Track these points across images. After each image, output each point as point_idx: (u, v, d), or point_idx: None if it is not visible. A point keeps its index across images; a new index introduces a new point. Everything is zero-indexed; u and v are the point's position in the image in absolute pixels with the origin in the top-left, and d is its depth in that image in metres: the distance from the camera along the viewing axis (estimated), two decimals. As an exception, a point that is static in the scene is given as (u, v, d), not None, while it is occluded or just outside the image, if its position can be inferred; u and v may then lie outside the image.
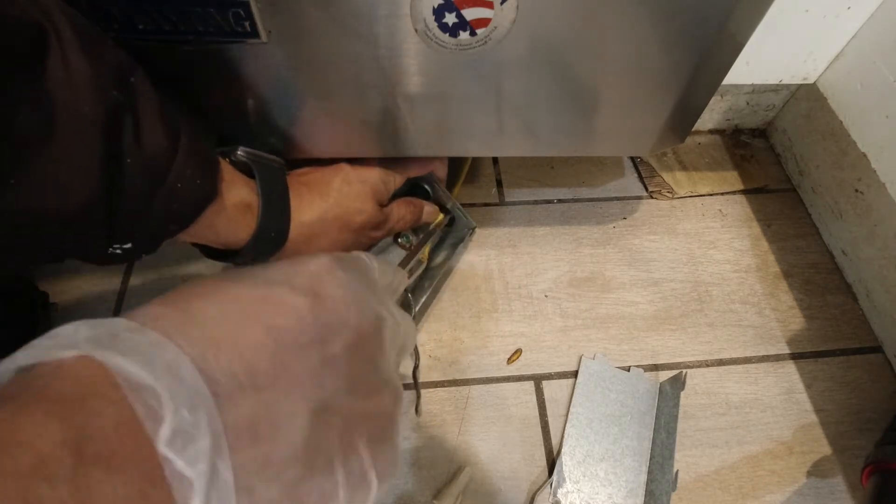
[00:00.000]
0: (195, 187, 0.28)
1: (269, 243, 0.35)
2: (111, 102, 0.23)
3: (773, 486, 0.43)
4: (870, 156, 0.51)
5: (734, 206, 0.60)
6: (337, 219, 0.38)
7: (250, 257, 0.34)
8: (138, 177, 0.25)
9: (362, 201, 0.39)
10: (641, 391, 0.47)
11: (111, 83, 0.24)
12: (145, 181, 0.25)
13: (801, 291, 0.54)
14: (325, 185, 0.38)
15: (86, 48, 0.23)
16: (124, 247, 0.27)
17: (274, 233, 0.34)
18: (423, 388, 0.47)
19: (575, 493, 0.42)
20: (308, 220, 0.36)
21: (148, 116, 0.25)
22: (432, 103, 0.38)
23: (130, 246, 0.27)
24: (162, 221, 0.27)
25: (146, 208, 0.26)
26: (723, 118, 0.66)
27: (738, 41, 0.36)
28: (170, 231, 0.29)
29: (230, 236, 0.32)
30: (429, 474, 0.43)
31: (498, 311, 0.52)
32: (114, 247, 0.26)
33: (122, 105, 0.24)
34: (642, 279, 0.54)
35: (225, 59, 0.33)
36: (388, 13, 0.30)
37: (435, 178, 0.49)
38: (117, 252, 0.27)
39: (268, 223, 0.34)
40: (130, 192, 0.25)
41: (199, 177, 0.28)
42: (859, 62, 0.51)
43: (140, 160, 0.25)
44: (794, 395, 0.48)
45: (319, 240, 0.37)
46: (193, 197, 0.28)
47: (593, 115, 0.40)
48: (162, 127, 0.26)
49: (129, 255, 0.28)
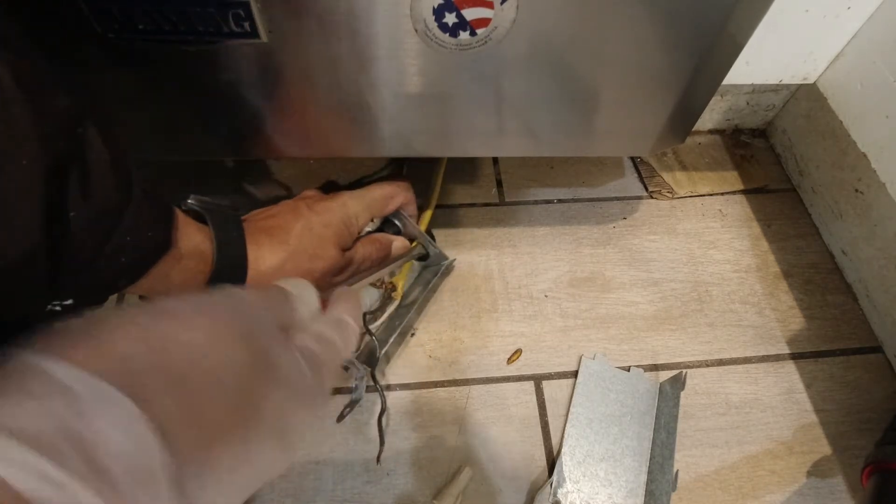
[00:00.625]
0: (146, 239, 0.27)
1: None
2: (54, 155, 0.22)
3: (773, 486, 0.43)
4: (870, 156, 0.51)
5: (734, 206, 0.60)
6: (297, 268, 0.36)
7: None
8: (84, 231, 0.23)
9: (324, 248, 0.38)
10: (641, 391, 0.47)
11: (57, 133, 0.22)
12: (92, 235, 0.24)
13: (801, 291, 0.54)
14: (284, 232, 0.36)
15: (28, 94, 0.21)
16: (65, 303, 0.25)
17: (229, 283, 0.32)
18: (423, 388, 0.47)
19: (575, 493, 0.42)
20: (266, 268, 0.34)
21: (97, 167, 0.23)
22: (432, 103, 0.38)
23: (72, 302, 0.25)
24: (110, 275, 0.26)
25: (92, 263, 0.24)
26: (723, 118, 0.66)
27: (738, 41, 0.36)
28: (118, 286, 0.27)
29: (182, 288, 0.30)
30: (429, 474, 0.43)
31: (498, 311, 0.52)
32: (53, 304, 0.25)
33: (66, 157, 0.22)
34: (642, 279, 0.54)
35: (225, 59, 0.33)
36: (388, 13, 0.30)
37: (402, 212, 0.46)
38: (56, 309, 0.25)
39: (222, 272, 0.31)
40: (75, 247, 0.23)
41: (152, 228, 0.27)
42: (859, 62, 0.51)
43: (86, 214, 0.23)
44: (794, 395, 0.48)
45: None
46: (145, 249, 0.27)
47: (593, 115, 0.40)
48: (112, 178, 0.24)
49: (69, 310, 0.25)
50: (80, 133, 0.23)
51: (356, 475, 0.42)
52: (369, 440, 0.44)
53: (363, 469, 0.43)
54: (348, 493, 0.42)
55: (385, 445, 0.43)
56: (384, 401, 0.43)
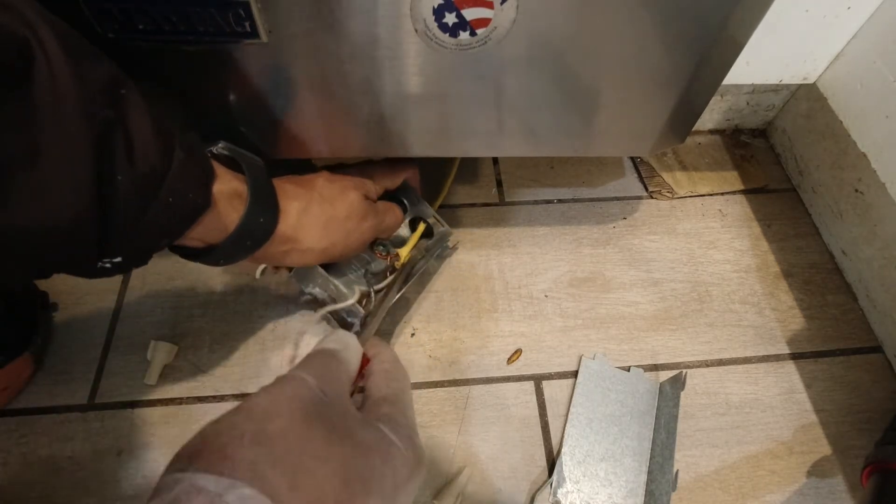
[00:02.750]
0: (188, 200, 0.27)
1: (256, 233, 0.33)
2: (101, 121, 0.23)
3: (773, 486, 0.43)
4: (870, 156, 0.51)
5: (734, 206, 0.60)
6: (322, 210, 0.37)
7: (233, 251, 0.32)
8: (130, 194, 0.24)
9: (345, 193, 0.39)
10: (641, 391, 0.47)
11: (100, 100, 0.23)
12: (137, 198, 0.25)
13: (801, 291, 0.54)
14: (307, 182, 0.38)
15: (73, 64, 0.22)
16: (114, 261, 0.26)
17: (262, 218, 0.33)
18: (423, 388, 0.47)
19: (575, 493, 0.42)
20: (294, 208, 0.35)
21: (140, 132, 0.24)
22: (432, 103, 0.38)
23: (120, 260, 0.27)
24: (154, 235, 0.27)
25: (137, 224, 0.25)
26: (723, 118, 0.66)
27: (738, 41, 0.36)
28: (160, 245, 0.28)
29: (217, 230, 0.31)
30: (429, 474, 0.43)
31: (498, 311, 0.52)
32: (103, 261, 0.26)
33: (112, 122, 0.23)
34: (642, 279, 0.54)
35: (225, 59, 0.33)
36: (388, 13, 0.30)
37: (411, 188, 0.49)
38: (107, 266, 0.26)
39: (256, 207, 0.32)
40: (121, 210, 0.24)
41: (193, 190, 0.28)
42: (859, 62, 0.51)
43: (131, 177, 0.24)
44: (794, 395, 0.48)
45: (307, 230, 0.36)
46: (186, 210, 0.28)
47: (593, 115, 0.40)
48: (154, 142, 0.25)
49: (119, 268, 0.27)
50: (123, 96, 0.24)
51: (356, 475, 0.42)
52: (369, 440, 0.44)
53: (363, 469, 0.43)
54: (348, 493, 0.42)
55: None
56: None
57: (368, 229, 0.41)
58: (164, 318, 0.50)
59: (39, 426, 0.44)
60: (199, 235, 0.30)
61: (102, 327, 0.49)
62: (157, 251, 0.28)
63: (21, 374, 0.44)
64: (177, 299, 0.51)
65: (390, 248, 0.49)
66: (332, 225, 0.38)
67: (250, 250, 0.34)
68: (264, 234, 0.34)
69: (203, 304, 0.51)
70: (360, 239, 0.41)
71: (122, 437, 0.43)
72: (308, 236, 0.36)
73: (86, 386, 0.45)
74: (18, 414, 0.44)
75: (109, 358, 0.47)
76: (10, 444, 0.43)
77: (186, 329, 0.49)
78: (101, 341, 0.48)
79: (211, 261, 0.33)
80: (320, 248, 0.37)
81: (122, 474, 0.42)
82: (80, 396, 0.45)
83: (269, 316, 0.50)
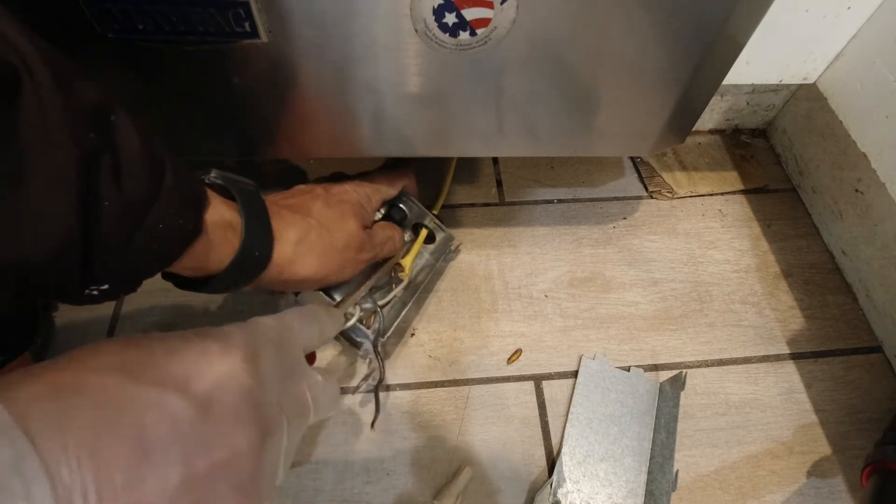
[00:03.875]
0: (178, 227, 0.27)
1: (251, 266, 0.32)
2: (88, 145, 0.22)
3: (773, 486, 0.43)
4: (870, 156, 0.51)
5: (734, 206, 0.60)
6: (320, 238, 0.36)
7: (228, 283, 0.32)
8: (116, 220, 0.23)
9: (344, 221, 0.38)
10: (641, 391, 0.47)
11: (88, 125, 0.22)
12: (125, 224, 0.24)
13: (801, 291, 0.54)
14: (305, 208, 0.37)
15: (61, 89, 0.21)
16: (101, 288, 0.25)
17: (258, 251, 0.32)
18: (423, 388, 0.47)
19: (575, 493, 0.42)
20: (291, 238, 0.34)
21: (128, 157, 0.24)
22: (432, 103, 0.38)
23: (108, 287, 0.26)
24: (143, 262, 0.26)
25: (124, 251, 0.24)
26: (723, 118, 0.66)
27: (738, 41, 0.36)
28: (150, 271, 0.27)
29: (211, 261, 0.30)
30: (429, 474, 0.43)
31: (498, 311, 0.52)
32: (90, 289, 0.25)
33: (99, 147, 0.23)
34: (642, 279, 0.54)
35: (225, 59, 0.33)
36: (388, 13, 0.30)
37: (408, 195, 0.48)
38: (94, 294, 0.25)
39: (251, 241, 0.31)
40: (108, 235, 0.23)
41: (183, 216, 0.27)
42: (859, 62, 0.51)
43: (119, 202, 0.23)
44: (794, 395, 0.48)
45: (304, 261, 0.35)
46: (176, 236, 0.27)
47: (593, 115, 0.40)
48: (144, 167, 0.24)
49: (107, 295, 0.26)
50: (112, 122, 0.24)
51: (356, 475, 0.42)
52: (369, 440, 0.44)
53: (363, 469, 0.43)
54: (348, 493, 0.42)
55: (385, 445, 0.43)
56: (383, 372, 0.45)
57: (365, 261, 0.41)
58: (164, 318, 0.50)
59: (39, 426, 0.44)
60: (191, 264, 0.29)
61: (102, 327, 0.49)
62: (149, 276, 0.27)
63: (21, 374, 0.44)
64: (177, 299, 0.51)
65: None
66: (329, 255, 0.37)
67: (246, 280, 0.33)
68: (260, 265, 0.33)
69: (203, 304, 0.51)
70: (356, 269, 0.40)
71: (122, 437, 0.43)
72: (304, 267, 0.35)
73: (86, 386, 0.46)
74: (18, 414, 0.44)
75: (109, 358, 0.47)
76: (10, 444, 0.43)
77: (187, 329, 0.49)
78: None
79: (207, 291, 0.32)
80: (317, 279, 0.37)
81: (122, 474, 0.42)
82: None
83: (269, 316, 0.50)
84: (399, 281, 0.48)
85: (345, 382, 0.47)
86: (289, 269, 0.35)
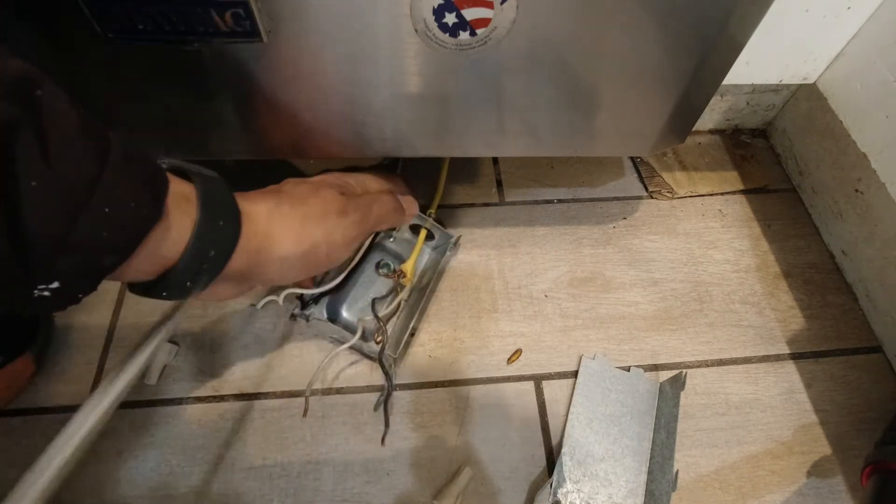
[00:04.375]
0: (130, 211, 0.24)
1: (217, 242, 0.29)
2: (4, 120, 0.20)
3: (773, 486, 0.43)
4: (870, 156, 0.51)
5: (734, 206, 0.60)
6: (294, 209, 0.34)
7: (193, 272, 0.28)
8: (51, 202, 0.21)
9: (319, 189, 0.36)
10: (641, 391, 0.47)
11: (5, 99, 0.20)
12: (61, 206, 0.21)
13: (801, 291, 0.54)
14: (273, 187, 0.36)
15: None
16: (51, 287, 0.23)
17: (222, 221, 0.29)
18: (423, 388, 0.47)
19: (575, 493, 0.42)
20: (261, 210, 0.32)
21: (60, 133, 0.21)
22: (432, 103, 0.38)
23: (58, 286, 0.23)
24: (93, 253, 0.23)
25: (66, 239, 0.22)
26: (723, 118, 0.66)
27: (738, 41, 0.36)
28: (105, 264, 0.24)
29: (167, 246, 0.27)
30: (429, 474, 0.43)
31: (498, 311, 0.52)
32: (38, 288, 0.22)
33: (18, 120, 0.20)
34: (642, 279, 0.54)
35: (224, 59, 0.33)
36: (388, 13, 0.30)
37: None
38: (45, 295, 0.23)
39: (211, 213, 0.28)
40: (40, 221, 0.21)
41: (135, 198, 0.24)
42: (859, 62, 0.51)
43: (49, 184, 0.21)
44: (794, 395, 0.48)
45: (280, 234, 0.32)
46: (130, 221, 0.24)
47: (593, 115, 0.40)
48: (80, 144, 0.22)
49: (60, 296, 0.23)
50: (38, 95, 0.21)
51: (356, 475, 0.42)
52: (369, 440, 0.44)
53: (363, 469, 0.43)
54: (348, 493, 0.42)
55: (385, 445, 0.43)
56: (391, 384, 0.45)
57: (352, 225, 0.37)
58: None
59: (39, 426, 0.44)
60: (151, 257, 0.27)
61: (102, 327, 0.49)
62: (107, 272, 0.25)
63: (21, 374, 0.44)
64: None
65: (394, 266, 0.49)
66: (308, 224, 0.34)
67: (217, 265, 0.29)
68: (230, 242, 0.29)
69: (203, 303, 0.51)
70: (345, 237, 0.37)
71: (122, 437, 0.43)
72: (283, 240, 0.32)
73: (86, 386, 0.46)
74: (18, 414, 0.44)
75: (109, 358, 0.47)
76: (10, 444, 0.43)
77: (187, 329, 0.49)
78: (101, 341, 0.48)
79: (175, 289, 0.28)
80: (300, 253, 0.33)
81: (122, 474, 0.42)
82: (81, 396, 0.45)
83: (269, 316, 0.50)
84: (402, 287, 0.48)
85: (352, 383, 0.47)
86: (265, 247, 0.32)
